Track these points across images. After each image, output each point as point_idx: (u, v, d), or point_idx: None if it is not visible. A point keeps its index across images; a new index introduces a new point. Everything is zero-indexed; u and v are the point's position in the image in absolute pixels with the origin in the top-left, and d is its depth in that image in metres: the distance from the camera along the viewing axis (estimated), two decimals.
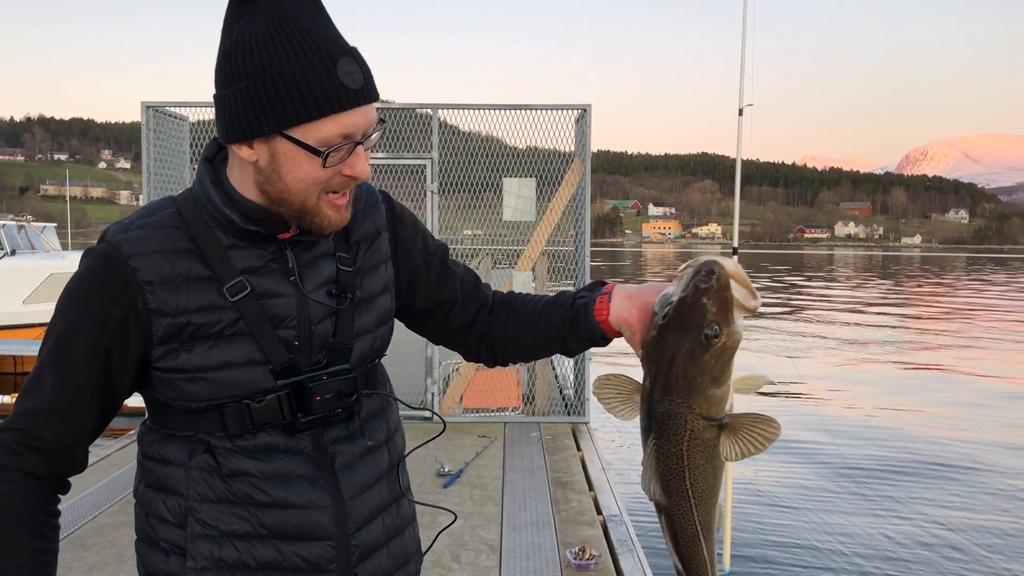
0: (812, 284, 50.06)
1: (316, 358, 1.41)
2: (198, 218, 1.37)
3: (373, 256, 1.52)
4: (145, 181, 8.01)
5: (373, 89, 1.31)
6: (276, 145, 1.29)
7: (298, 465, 1.39)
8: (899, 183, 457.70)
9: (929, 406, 13.84)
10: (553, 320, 1.55)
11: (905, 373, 17.44)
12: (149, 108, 7.99)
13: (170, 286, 1.33)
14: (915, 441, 11.26)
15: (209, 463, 1.37)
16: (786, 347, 20.68)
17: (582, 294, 1.53)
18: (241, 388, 1.36)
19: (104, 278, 1.34)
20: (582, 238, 8.25)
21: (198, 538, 1.37)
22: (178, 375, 1.35)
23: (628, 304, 1.44)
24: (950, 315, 30.83)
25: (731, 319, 1.24)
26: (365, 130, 1.31)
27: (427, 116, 8.13)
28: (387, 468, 1.50)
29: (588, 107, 8.10)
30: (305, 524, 1.38)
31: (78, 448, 1.37)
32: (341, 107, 1.26)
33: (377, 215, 1.55)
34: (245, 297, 1.35)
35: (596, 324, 1.48)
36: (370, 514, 1.45)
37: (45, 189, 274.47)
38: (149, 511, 1.43)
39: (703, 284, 1.23)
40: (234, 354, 1.35)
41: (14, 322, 14.78)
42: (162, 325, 1.33)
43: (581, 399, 8.24)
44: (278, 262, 1.39)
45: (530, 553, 4.83)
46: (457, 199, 8.45)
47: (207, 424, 1.37)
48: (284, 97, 1.25)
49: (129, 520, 5.24)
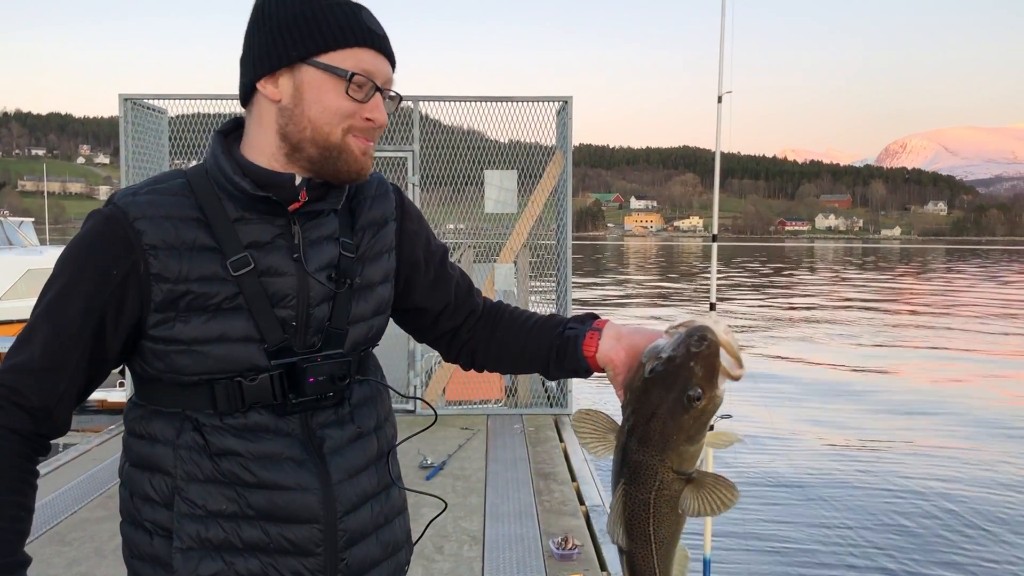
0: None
1: (311, 341, 1.41)
2: (208, 189, 1.38)
3: (377, 244, 1.52)
4: (123, 175, 7.94)
5: (390, 48, 1.41)
6: (302, 75, 1.35)
7: (286, 447, 1.38)
8: (878, 175, 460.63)
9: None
10: (540, 343, 1.58)
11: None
12: (127, 101, 7.92)
13: (173, 252, 1.33)
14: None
15: (198, 442, 1.36)
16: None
17: (572, 325, 1.55)
18: (234, 364, 1.35)
19: (107, 238, 1.33)
20: (564, 231, 8.26)
21: (184, 517, 1.36)
22: (171, 346, 1.34)
23: (617, 345, 1.46)
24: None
25: (715, 384, 1.28)
26: (383, 81, 1.39)
27: (408, 108, 8.11)
28: (376, 456, 1.50)
29: (569, 99, 8.11)
30: (292, 506, 1.37)
31: (61, 409, 1.36)
32: (365, 41, 1.36)
33: (386, 204, 1.56)
34: (247, 273, 1.35)
35: (582, 358, 1.50)
36: (359, 500, 1.45)
37: (23, 185, 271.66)
38: (134, 491, 1.42)
39: (694, 348, 1.27)
40: (230, 329, 1.34)
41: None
42: (161, 291, 1.33)
43: (563, 391, 8.26)
44: (284, 238, 1.40)
45: (513, 543, 4.84)
46: (439, 192, 8.44)
47: (196, 400, 1.36)
48: (312, 26, 1.34)
49: (109, 515, 5.22)
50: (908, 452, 10.30)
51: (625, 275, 50.79)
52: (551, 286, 8.59)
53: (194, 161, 8.97)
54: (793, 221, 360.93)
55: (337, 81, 1.34)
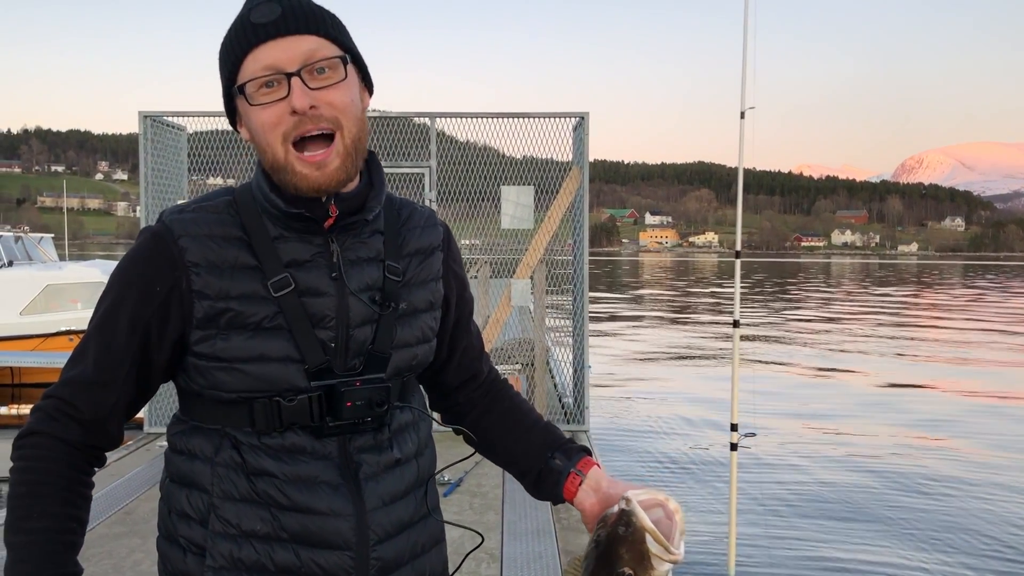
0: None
1: (352, 363, 1.40)
2: (251, 207, 1.39)
3: (424, 271, 1.50)
4: (143, 191, 7.98)
5: (299, 20, 1.31)
6: (240, 108, 1.36)
7: (323, 470, 1.37)
8: (895, 191, 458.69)
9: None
10: (528, 454, 1.58)
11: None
12: (147, 118, 7.97)
13: (215, 270, 1.34)
14: None
15: (235, 460, 1.35)
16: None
17: (559, 456, 1.54)
18: (273, 384, 1.34)
19: (152, 255, 1.36)
20: (580, 246, 8.25)
21: (218, 536, 1.35)
22: (212, 363, 1.34)
23: (593, 497, 1.47)
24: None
25: (648, 566, 1.28)
26: (298, 63, 1.30)
27: (425, 125, 8.14)
28: (415, 484, 1.47)
29: (585, 115, 8.11)
30: (324, 531, 1.35)
31: (112, 421, 1.38)
32: (251, 43, 1.31)
33: (435, 235, 1.54)
34: (288, 293, 1.35)
35: (559, 495, 1.53)
36: (394, 528, 1.42)
37: (42, 201, 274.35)
38: (172, 507, 1.42)
39: (620, 531, 1.28)
40: (270, 348, 1.34)
41: (11, 333, 14.74)
42: (202, 307, 1.33)
43: (580, 407, 8.22)
44: (323, 256, 1.39)
45: (531, 562, 4.81)
46: (455, 208, 8.46)
47: (236, 418, 1.36)
48: (221, 60, 1.36)
49: (127, 532, 5.21)
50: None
51: (641, 290, 50.66)
52: (567, 300, 8.56)
53: (212, 178, 9.04)
54: (809, 237, 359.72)
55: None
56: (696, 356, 20.39)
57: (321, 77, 1.31)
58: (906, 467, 10.20)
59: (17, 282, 15.14)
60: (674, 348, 21.70)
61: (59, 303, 14.96)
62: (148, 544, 4.96)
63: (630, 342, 22.75)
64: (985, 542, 7.66)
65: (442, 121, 8.18)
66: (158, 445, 7.58)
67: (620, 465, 9.83)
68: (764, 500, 8.66)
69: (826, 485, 9.34)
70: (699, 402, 13.93)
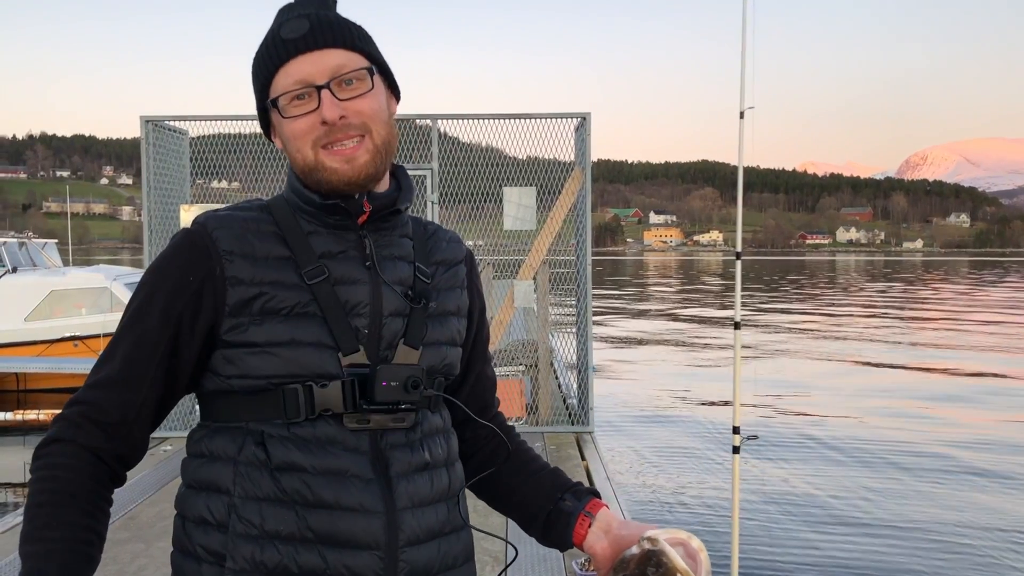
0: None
1: (384, 354, 1.39)
2: (284, 209, 1.43)
3: (451, 280, 1.52)
4: (145, 195, 8.00)
5: (327, 35, 1.38)
6: (273, 120, 1.42)
7: (353, 463, 1.34)
8: (899, 188, 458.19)
9: None
10: (538, 496, 1.56)
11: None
12: (148, 122, 7.98)
13: (249, 259, 1.36)
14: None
15: (259, 457, 1.33)
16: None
17: (568, 497, 1.53)
18: (306, 368, 1.33)
19: (186, 249, 1.38)
20: (583, 247, 8.24)
21: (239, 537, 1.32)
22: (244, 349, 1.34)
23: (604, 539, 1.45)
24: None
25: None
26: (327, 76, 1.36)
27: (427, 127, 8.14)
28: (446, 492, 1.45)
29: (587, 115, 8.10)
30: (354, 529, 1.32)
31: (139, 424, 1.35)
32: (285, 55, 1.37)
33: (459, 250, 1.57)
34: (322, 281, 1.37)
35: (569, 538, 1.50)
36: (424, 534, 1.39)
37: (48, 206, 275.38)
38: (187, 515, 1.39)
39: (651, 571, 1.26)
40: (303, 333, 1.34)
41: (16, 339, 14.77)
42: (236, 293, 1.34)
43: (585, 409, 8.21)
44: (356, 249, 1.41)
45: (536, 564, 4.79)
46: (458, 209, 8.45)
47: (266, 408, 1.34)
48: (254, 75, 1.42)
49: (131, 537, 5.20)
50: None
51: (647, 289, 50.67)
52: (570, 301, 8.55)
53: (216, 180, 9.04)
54: (814, 234, 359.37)
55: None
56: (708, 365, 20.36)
57: (349, 88, 1.37)
58: (915, 460, 10.18)
59: (21, 288, 15.17)
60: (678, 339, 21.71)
61: (63, 309, 14.99)
62: (152, 549, 4.96)
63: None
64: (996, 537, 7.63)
65: (444, 123, 8.17)
66: (163, 450, 7.59)
67: (626, 465, 9.81)
68: (770, 498, 8.64)
69: (832, 486, 9.31)
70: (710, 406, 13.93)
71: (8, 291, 15.07)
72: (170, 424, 7.94)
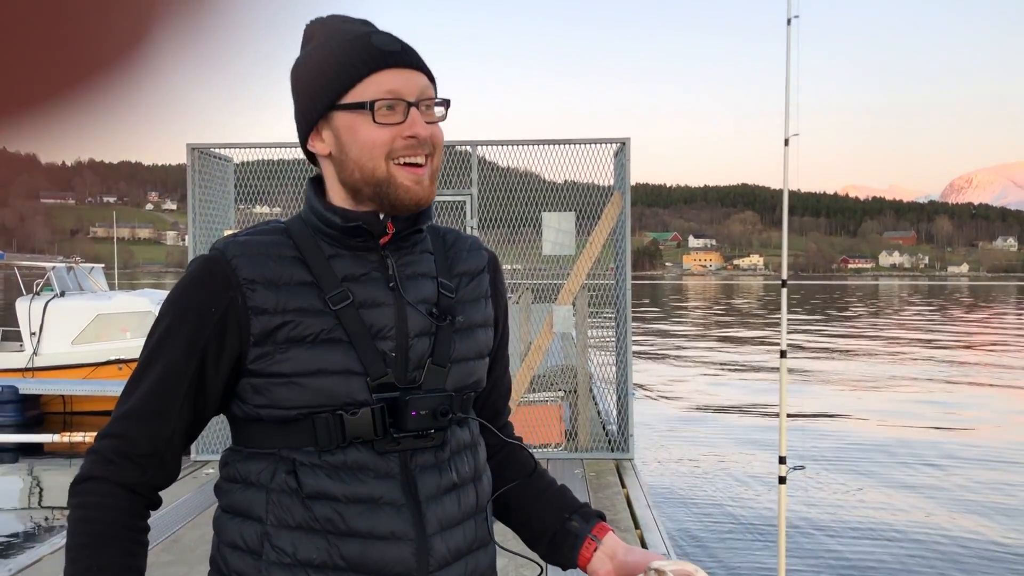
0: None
1: (411, 376, 1.39)
2: (304, 232, 1.41)
3: (474, 291, 1.52)
4: (191, 222, 8.12)
5: (416, 57, 1.40)
6: (336, 122, 1.38)
7: (386, 490, 1.35)
8: (944, 211, 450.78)
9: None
10: (545, 514, 1.57)
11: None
12: (194, 150, 8.12)
13: (271, 286, 1.34)
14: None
15: (291, 485, 1.33)
16: None
17: (576, 518, 1.53)
18: (335, 397, 1.33)
19: (206, 278, 1.36)
20: (623, 271, 8.20)
21: (272, 566, 1.33)
22: (272, 379, 1.34)
23: (608, 565, 1.46)
24: None
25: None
26: (415, 96, 1.37)
27: (466, 153, 8.18)
28: (473, 510, 1.46)
29: (627, 140, 8.09)
30: (385, 558, 1.33)
31: (170, 453, 1.37)
32: (380, 64, 1.36)
33: (480, 258, 1.56)
34: (347, 306, 1.36)
35: (574, 560, 1.51)
36: (452, 555, 1.40)
37: (94, 231, 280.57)
38: (223, 539, 1.40)
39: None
40: (330, 361, 1.33)
41: (63, 362, 15.05)
42: (260, 323, 1.33)
43: (624, 435, 8.14)
44: (379, 271, 1.40)
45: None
46: (497, 234, 8.47)
47: (297, 437, 1.35)
48: (328, 73, 1.37)
49: (174, 559, 5.24)
50: None
51: (687, 315, 50.26)
52: (610, 323, 8.50)
53: (258, 207, 9.17)
54: (856, 259, 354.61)
55: (364, 115, 1.35)
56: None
57: (428, 113, 1.40)
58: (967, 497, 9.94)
59: (69, 312, 15.46)
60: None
61: (109, 332, 15.25)
62: (195, 572, 4.99)
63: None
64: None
65: (484, 148, 8.22)
66: (204, 472, 7.65)
67: (667, 492, 9.69)
68: (813, 534, 8.47)
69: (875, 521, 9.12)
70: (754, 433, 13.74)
71: (56, 315, 15.36)
72: (212, 447, 8.01)
